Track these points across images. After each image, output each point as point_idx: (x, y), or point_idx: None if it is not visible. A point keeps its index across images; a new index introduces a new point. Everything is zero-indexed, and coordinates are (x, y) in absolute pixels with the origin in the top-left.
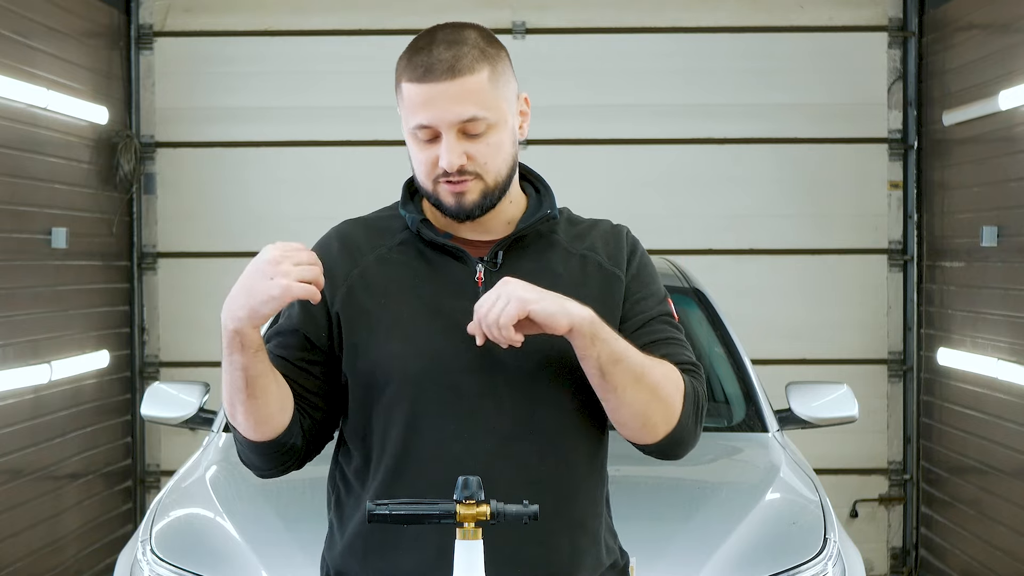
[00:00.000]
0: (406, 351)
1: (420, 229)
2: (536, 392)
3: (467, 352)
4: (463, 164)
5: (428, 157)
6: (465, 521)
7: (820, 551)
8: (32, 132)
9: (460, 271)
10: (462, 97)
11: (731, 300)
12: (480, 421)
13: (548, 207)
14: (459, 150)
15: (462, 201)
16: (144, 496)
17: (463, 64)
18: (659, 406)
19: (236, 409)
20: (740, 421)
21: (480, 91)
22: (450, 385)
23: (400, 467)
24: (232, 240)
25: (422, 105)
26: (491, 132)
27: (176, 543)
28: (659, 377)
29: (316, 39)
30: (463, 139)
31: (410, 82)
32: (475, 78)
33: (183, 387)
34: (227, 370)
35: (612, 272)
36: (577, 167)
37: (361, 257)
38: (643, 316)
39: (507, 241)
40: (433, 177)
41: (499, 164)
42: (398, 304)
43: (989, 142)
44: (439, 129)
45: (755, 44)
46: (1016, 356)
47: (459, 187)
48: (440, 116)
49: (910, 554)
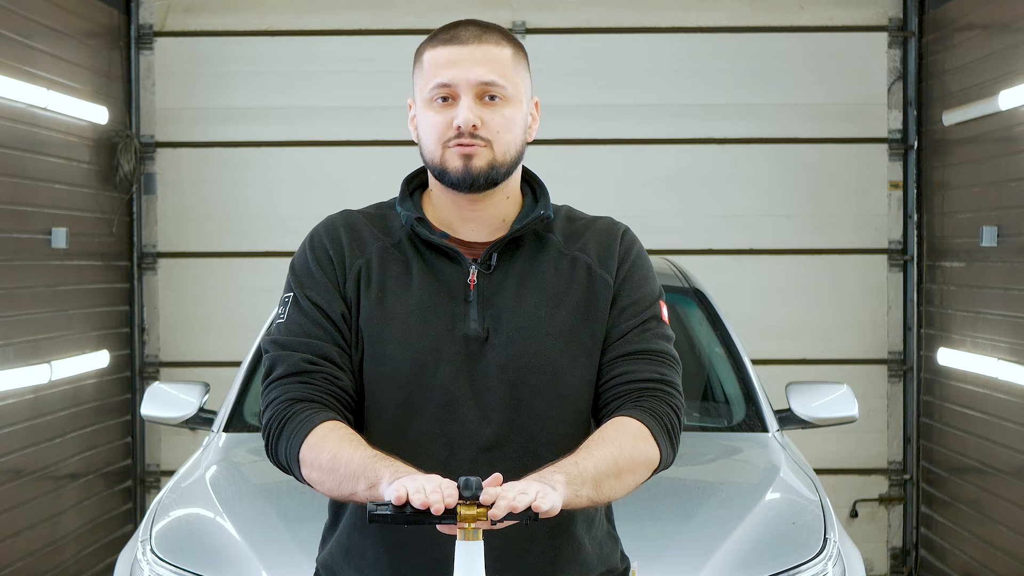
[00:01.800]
0: (396, 353)
1: (415, 227)
2: (522, 400)
3: (456, 356)
4: (476, 125)
5: (443, 119)
6: (465, 521)
7: (820, 551)
8: (32, 132)
9: (454, 272)
10: (485, 60)
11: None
12: (465, 426)
13: (543, 207)
14: (476, 111)
15: (469, 165)
16: (144, 496)
17: (491, 36)
18: (643, 472)
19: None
20: (740, 421)
21: (502, 62)
22: (437, 388)
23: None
24: (232, 240)
25: (445, 64)
26: (506, 105)
27: (176, 543)
28: (633, 456)
29: (316, 39)
30: (479, 104)
31: (434, 48)
32: (500, 50)
33: (183, 387)
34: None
35: (600, 276)
36: (577, 167)
37: (366, 247)
38: (624, 326)
39: (501, 243)
40: (444, 140)
41: (509, 140)
42: (393, 304)
43: (989, 142)
44: (458, 90)
45: (755, 44)
46: (1016, 356)
47: (469, 149)
48: (463, 75)
49: (910, 554)
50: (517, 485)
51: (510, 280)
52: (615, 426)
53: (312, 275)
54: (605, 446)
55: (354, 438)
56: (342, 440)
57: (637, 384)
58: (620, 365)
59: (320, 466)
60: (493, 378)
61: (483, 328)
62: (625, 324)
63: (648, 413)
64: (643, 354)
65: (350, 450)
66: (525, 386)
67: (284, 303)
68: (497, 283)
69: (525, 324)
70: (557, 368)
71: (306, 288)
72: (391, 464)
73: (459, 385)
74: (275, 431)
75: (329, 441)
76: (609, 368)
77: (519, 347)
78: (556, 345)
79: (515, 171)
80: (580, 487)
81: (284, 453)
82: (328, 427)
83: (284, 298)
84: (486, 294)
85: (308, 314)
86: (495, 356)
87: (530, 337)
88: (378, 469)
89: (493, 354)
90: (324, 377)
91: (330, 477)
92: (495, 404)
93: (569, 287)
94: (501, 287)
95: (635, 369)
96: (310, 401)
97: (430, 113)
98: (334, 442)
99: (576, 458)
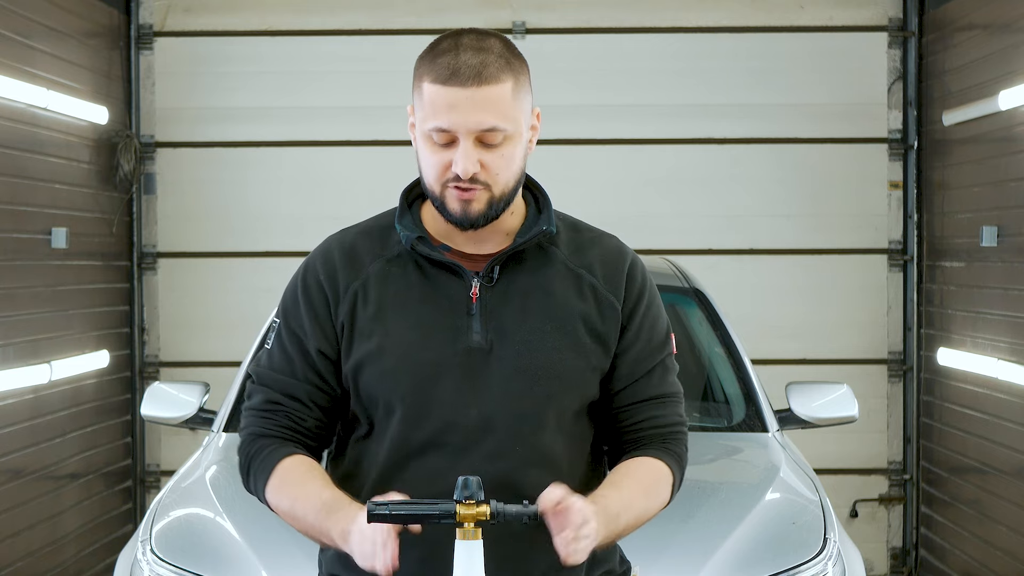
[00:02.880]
0: (399, 367)
1: (416, 246)
2: (527, 413)
3: (458, 370)
4: (476, 172)
5: (441, 160)
6: (465, 521)
7: (820, 551)
8: (32, 132)
9: (456, 286)
10: (485, 106)
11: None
12: (469, 437)
13: (545, 222)
14: (474, 158)
15: (468, 210)
16: (144, 496)
17: (489, 72)
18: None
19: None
20: (740, 421)
21: (502, 102)
22: (440, 401)
23: (387, 480)
24: (232, 240)
25: (445, 108)
26: (507, 144)
27: (176, 543)
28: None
29: (316, 39)
30: (479, 147)
31: (434, 83)
32: (499, 88)
33: (183, 387)
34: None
35: (607, 298)
36: (577, 167)
37: (362, 269)
38: (645, 364)
39: (503, 256)
40: (443, 181)
41: (508, 177)
42: (394, 321)
43: (989, 142)
44: (457, 134)
45: (755, 44)
46: (1016, 356)
47: (467, 195)
48: (461, 122)
49: (910, 554)
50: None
51: (514, 293)
52: (655, 474)
53: (298, 305)
54: (641, 499)
55: (308, 478)
56: (298, 483)
57: (665, 429)
58: (647, 409)
59: (284, 512)
60: (497, 390)
61: (486, 341)
62: (646, 362)
63: (675, 459)
64: (667, 398)
65: (303, 499)
66: (529, 398)
67: (272, 328)
68: (500, 296)
69: (531, 337)
70: (562, 381)
71: (290, 318)
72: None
73: (462, 397)
74: (244, 466)
75: (287, 484)
76: (636, 411)
77: (525, 360)
78: (562, 359)
79: (518, 190)
80: (607, 538)
81: (254, 491)
82: (286, 465)
83: (273, 323)
84: (489, 307)
85: (286, 348)
86: (500, 368)
87: (536, 350)
88: (328, 528)
89: (498, 366)
90: (286, 415)
91: (296, 523)
92: (499, 416)
93: (575, 303)
94: (505, 300)
95: (663, 414)
96: (271, 437)
97: (428, 150)
98: (291, 486)
99: (619, 508)
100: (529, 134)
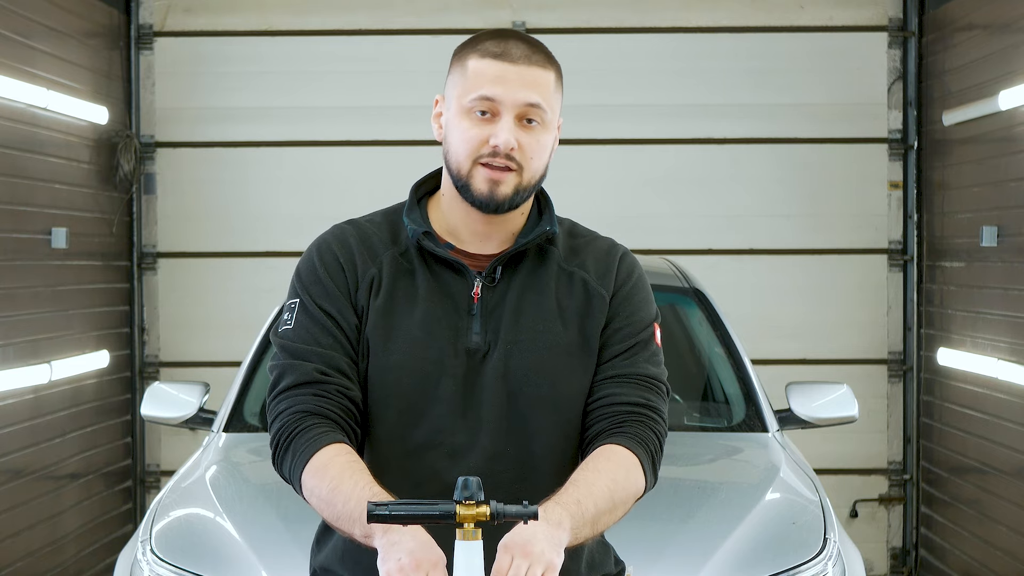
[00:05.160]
0: (401, 364)
1: (422, 241)
2: (519, 412)
3: (458, 369)
4: (513, 149)
5: (479, 134)
6: (465, 522)
7: (820, 551)
8: (32, 132)
9: (459, 285)
10: (533, 83)
11: (731, 300)
12: (465, 437)
13: (547, 223)
14: (515, 133)
15: (495, 191)
16: (144, 496)
17: (537, 57)
18: (631, 503)
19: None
20: (740, 421)
21: (546, 86)
22: (438, 400)
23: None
24: (232, 240)
25: (493, 79)
26: (542, 130)
27: (176, 543)
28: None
29: (316, 39)
30: (518, 126)
31: (483, 58)
32: (546, 73)
33: (183, 387)
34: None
35: (597, 291)
36: (577, 167)
37: (376, 256)
38: (616, 348)
39: (505, 257)
40: (476, 156)
41: (539, 165)
42: (401, 316)
43: (989, 142)
44: (501, 107)
45: (755, 44)
46: (1016, 356)
47: (498, 174)
48: (510, 93)
49: (910, 554)
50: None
51: (512, 294)
52: (608, 456)
53: (320, 282)
54: (601, 479)
55: (356, 469)
56: (343, 471)
57: (622, 407)
58: (607, 387)
59: (320, 496)
60: (492, 390)
61: (484, 342)
62: (617, 346)
63: (635, 440)
64: (630, 377)
65: (350, 485)
66: (522, 398)
67: (291, 309)
68: (499, 297)
69: (522, 337)
70: (553, 381)
71: (314, 295)
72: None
73: (459, 397)
74: (283, 444)
75: (332, 469)
76: (597, 388)
77: (516, 360)
78: (552, 358)
79: (538, 188)
80: (581, 529)
81: (288, 469)
82: (332, 451)
83: (290, 304)
84: (489, 307)
85: (319, 321)
86: (496, 369)
87: (527, 350)
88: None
89: (494, 367)
90: (336, 389)
91: (328, 509)
92: (494, 416)
93: (567, 301)
94: (503, 301)
95: (621, 392)
96: (321, 416)
97: (467, 124)
98: (336, 472)
99: (578, 495)
100: (556, 134)
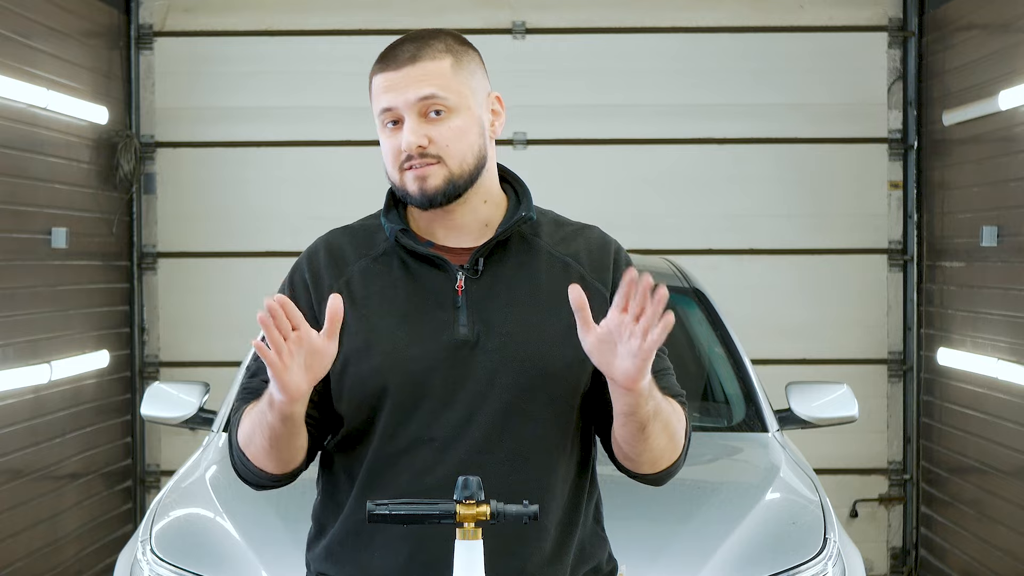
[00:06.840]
0: (384, 365)
1: (399, 238)
2: (513, 404)
3: (445, 362)
4: (423, 145)
5: (394, 144)
6: (465, 521)
7: (820, 551)
8: (32, 132)
9: (440, 280)
10: (422, 78)
11: (731, 300)
12: (456, 431)
13: (524, 209)
14: (420, 132)
15: (424, 186)
16: (144, 496)
17: (423, 53)
18: (672, 448)
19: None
20: (740, 421)
21: (440, 75)
22: (427, 395)
23: (375, 475)
24: (232, 240)
25: (385, 89)
26: (452, 116)
27: (176, 543)
28: (676, 424)
29: (316, 39)
30: (424, 122)
31: (377, 74)
32: (435, 64)
33: (183, 387)
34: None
35: (595, 286)
36: (577, 167)
37: (346, 267)
38: None
39: (486, 247)
40: (398, 164)
41: (462, 150)
42: (379, 317)
43: (989, 142)
44: (400, 111)
45: (755, 44)
46: (1016, 356)
47: (421, 171)
48: (400, 96)
49: (910, 554)
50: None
51: (500, 285)
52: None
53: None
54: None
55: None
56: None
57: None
58: None
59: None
60: (484, 383)
61: (473, 333)
62: None
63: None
64: (663, 373)
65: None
66: (516, 390)
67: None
68: (486, 288)
69: (518, 329)
70: (549, 372)
71: None
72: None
73: (449, 391)
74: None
75: (245, 421)
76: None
77: (511, 351)
78: (549, 350)
79: (484, 174)
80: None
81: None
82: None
83: None
84: (475, 299)
85: None
86: (486, 361)
87: (523, 341)
88: (264, 409)
89: (484, 359)
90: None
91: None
92: (486, 409)
93: (562, 293)
94: (491, 292)
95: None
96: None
97: (383, 138)
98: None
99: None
100: (489, 117)
